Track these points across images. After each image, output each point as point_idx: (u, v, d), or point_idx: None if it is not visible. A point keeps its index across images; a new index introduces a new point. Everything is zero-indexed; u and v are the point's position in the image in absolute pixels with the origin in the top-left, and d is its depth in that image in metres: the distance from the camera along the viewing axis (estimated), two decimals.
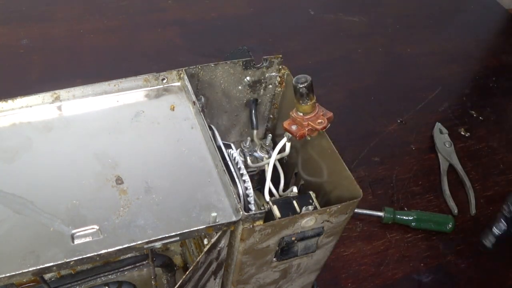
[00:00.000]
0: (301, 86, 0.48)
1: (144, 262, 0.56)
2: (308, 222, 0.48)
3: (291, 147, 0.59)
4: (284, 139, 0.53)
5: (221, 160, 0.48)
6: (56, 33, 1.04)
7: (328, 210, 0.47)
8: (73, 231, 0.42)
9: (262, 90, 0.62)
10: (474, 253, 0.83)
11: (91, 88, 0.53)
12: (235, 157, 0.53)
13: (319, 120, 0.49)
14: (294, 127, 0.50)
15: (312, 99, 0.49)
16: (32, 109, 0.51)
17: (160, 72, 0.55)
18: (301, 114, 0.50)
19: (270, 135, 0.63)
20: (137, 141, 0.50)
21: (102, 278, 0.59)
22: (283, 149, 0.56)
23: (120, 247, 0.42)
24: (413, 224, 0.83)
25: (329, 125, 0.51)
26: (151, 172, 0.48)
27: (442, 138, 0.97)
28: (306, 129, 0.49)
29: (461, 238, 0.84)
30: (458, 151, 0.96)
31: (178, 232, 0.43)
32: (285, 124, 0.51)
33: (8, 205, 0.43)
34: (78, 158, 0.48)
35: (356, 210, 0.80)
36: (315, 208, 0.51)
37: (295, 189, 0.56)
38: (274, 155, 0.54)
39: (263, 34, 1.15)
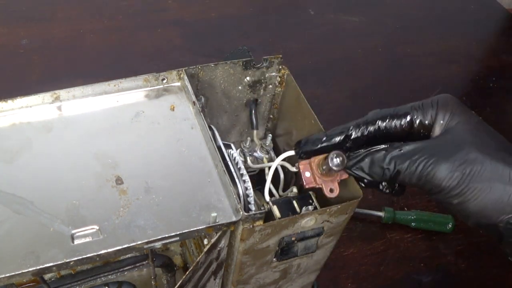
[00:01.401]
0: (336, 167, 0.45)
1: (144, 262, 0.56)
2: (308, 222, 0.48)
3: None
4: (290, 154, 0.50)
5: (221, 160, 0.48)
6: (56, 33, 1.04)
7: (328, 210, 0.47)
8: (73, 231, 0.42)
9: (262, 90, 0.62)
10: (474, 253, 0.83)
11: (91, 88, 0.53)
12: (235, 157, 0.53)
13: (331, 187, 0.47)
14: (307, 174, 0.47)
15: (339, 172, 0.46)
16: (32, 109, 0.51)
17: (160, 72, 0.55)
18: (320, 171, 0.47)
19: (270, 135, 0.63)
20: (137, 141, 0.50)
21: (102, 278, 0.59)
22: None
23: (120, 247, 0.42)
24: (413, 224, 0.83)
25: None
26: (151, 172, 0.48)
27: None
28: (317, 186, 0.47)
29: (461, 238, 0.84)
30: None
31: (178, 232, 0.43)
32: (301, 164, 0.48)
33: (8, 205, 0.43)
34: (78, 158, 0.48)
35: (356, 210, 0.80)
36: (315, 208, 0.51)
37: (295, 189, 0.56)
38: (277, 161, 0.52)
39: (263, 34, 1.15)
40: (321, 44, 1.17)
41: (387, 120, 0.46)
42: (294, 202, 0.51)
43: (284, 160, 0.52)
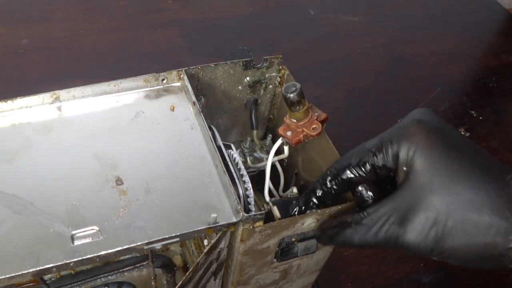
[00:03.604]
0: (291, 95, 0.47)
1: (144, 263, 0.56)
2: (308, 223, 0.48)
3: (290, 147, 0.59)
4: (280, 141, 0.53)
5: (221, 161, 0.48)
6: (56, 33, 1.04)
7: (328, 211, 0.47)
8: (73, 232, 0.42)
9: (262, 90, 0.62)
10: None
11: (91, 88, 0.53)
12: (235, 158, 0.52)
13: (313, 126, 0.49)
14: (289, 133, 0.50)
15: (304, 105, 0.48)
16: (32, 109, 0.51)
17: (160, 72, 0.55)
18: (295, 120, 0.49)
19: (270, 135, 0.63)
20: (137, 142, 0.50)
21: (102, 278, 0.59)
22: (282, 151, 0.56)
23: (120, 248, 0.42)
24: None
25: (324, 126, 0.50)
26: (151, 173, 0.48)
27: None
28: (301, 135, 0.49)
29: None
30: None
31: (178, 233, 0.43)
32: (280, 130, 0.51)
33: (8, 205, 0.43)
34: (78, 159, 0.48)
35: None
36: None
37: (295, 190, 0.56)
38: (271, 156, 0.54)
39: (263, 34, 1.15)
40: (321, 44, 1.16)
41: (349, 173, 0.44)
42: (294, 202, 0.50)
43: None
